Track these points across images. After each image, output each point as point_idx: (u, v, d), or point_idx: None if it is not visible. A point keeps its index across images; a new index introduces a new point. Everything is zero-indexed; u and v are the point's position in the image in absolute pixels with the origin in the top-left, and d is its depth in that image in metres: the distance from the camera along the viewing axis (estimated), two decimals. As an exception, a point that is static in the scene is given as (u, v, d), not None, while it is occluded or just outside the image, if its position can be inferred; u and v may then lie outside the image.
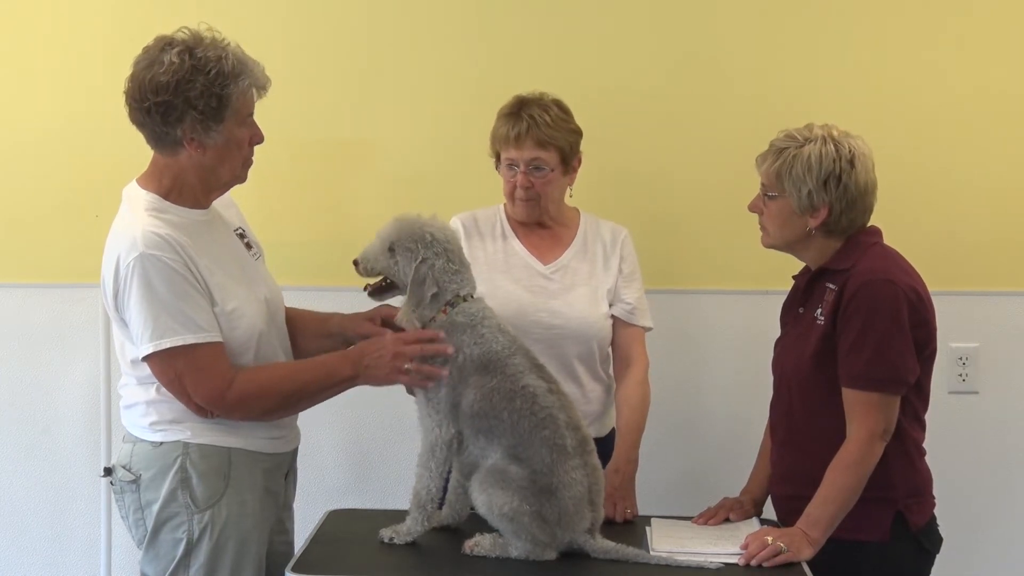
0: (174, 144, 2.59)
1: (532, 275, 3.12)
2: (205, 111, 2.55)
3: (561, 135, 3.05)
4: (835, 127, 2.76)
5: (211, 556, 2.60)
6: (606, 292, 3.13)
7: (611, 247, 3.18)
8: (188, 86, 2.53)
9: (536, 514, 2.51)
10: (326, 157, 3.72)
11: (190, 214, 2.64)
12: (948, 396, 3.69)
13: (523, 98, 3.10)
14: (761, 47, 3.70)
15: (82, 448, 3.84)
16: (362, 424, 3.77)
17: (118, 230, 2.61)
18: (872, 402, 2.62)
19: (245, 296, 2.66)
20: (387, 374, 2.63)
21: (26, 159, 3.81)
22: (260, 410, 2.64)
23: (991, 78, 3.69)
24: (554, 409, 2.58)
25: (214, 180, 2.66)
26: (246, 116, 2.64)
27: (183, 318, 2.53)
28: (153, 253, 2.52)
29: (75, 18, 3.77)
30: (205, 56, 2.55)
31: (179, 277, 2.53)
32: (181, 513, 2.60)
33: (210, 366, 2.56)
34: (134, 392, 2.67)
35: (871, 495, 2.63)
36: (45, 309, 3.83)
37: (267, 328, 2.70)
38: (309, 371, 2.68)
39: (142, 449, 2.64)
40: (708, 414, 3.76)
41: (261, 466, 2.70)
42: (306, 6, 3.72)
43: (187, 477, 2.60)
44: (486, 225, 3.19)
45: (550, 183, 3.08)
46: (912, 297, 2.65)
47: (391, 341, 2.64)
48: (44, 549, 3.87)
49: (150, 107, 2.55)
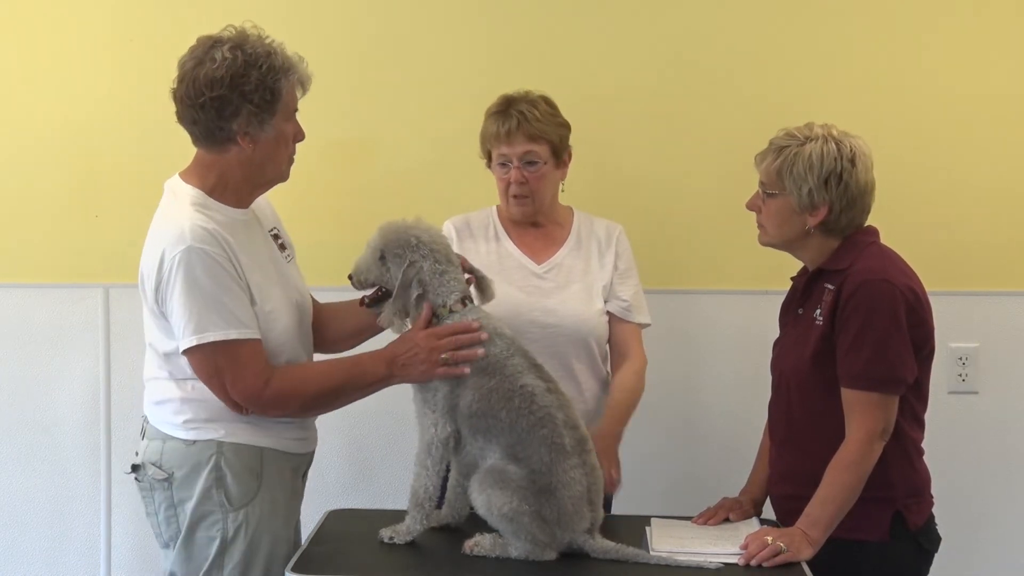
0: (225, 140, 2.60)
1: (526, 275, 3.13)
2: (260, 104, 2.57)
3: (551, 128, 3.07)
4: (834, 126, 2.76)
5: (245, 555, 2.61)
6: (601, 289, 3.14)
7: (606, 244, 3.18)
8: (242, 80, 2.55)
9: (535, 514, 2.52)
10: (325, 157, 3.72)
11: (232, 213, 2.65)
12: (948, 396, 3.69)
13: (510, 96, 3.12)
14: (760, 46, 3.70)
15: (82, 448, 3.84)
16: (362, 424, 3.78)
17: (162, 223, 2.61)
18: (871, 402, 2.62)
19: (280, 298, 2.67)
20: (424, 371, 2.63)
21: (26, 159, 3.81)
22: (295, 408, 2.65)
23: (990, 78, 3.69)
24: (552, 408, 2.59)
25: (260, 176, 2.67)
26: (292, 112, 2.67)
27: (226, 313, 2.53)
28: (200, 247, 2.52)
29: (76, 19, 3.77)
30: (255, 51, 2.58)
31: (224, 272, 2.54)
32: (215, 512, 2.60)
33: (250, 362, 2.56)
34: (166, 388, 2.65)
35: (870, 495, 2.63)
36: (45, 309, 3.83)
37: (297, 332, 2.71)
38: (343, 371, 2.68)
39: (174, 447, 2.63)
40: (707, 414, 3.77)
41: (289, 465, 2.71)
42: (305, 6, 3.73)
43: (222, 476, 2.60)
44: (479, 227, 3.19)
45: (543, 177, 3.09)
46: (910, 297, 2.65)
47: (423, 338, 2.64)
48: (43, 549, 3.87)
49: (205, 103, 2.56)
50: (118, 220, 3.77)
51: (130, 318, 3.79)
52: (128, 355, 3.79)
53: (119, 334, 3.80)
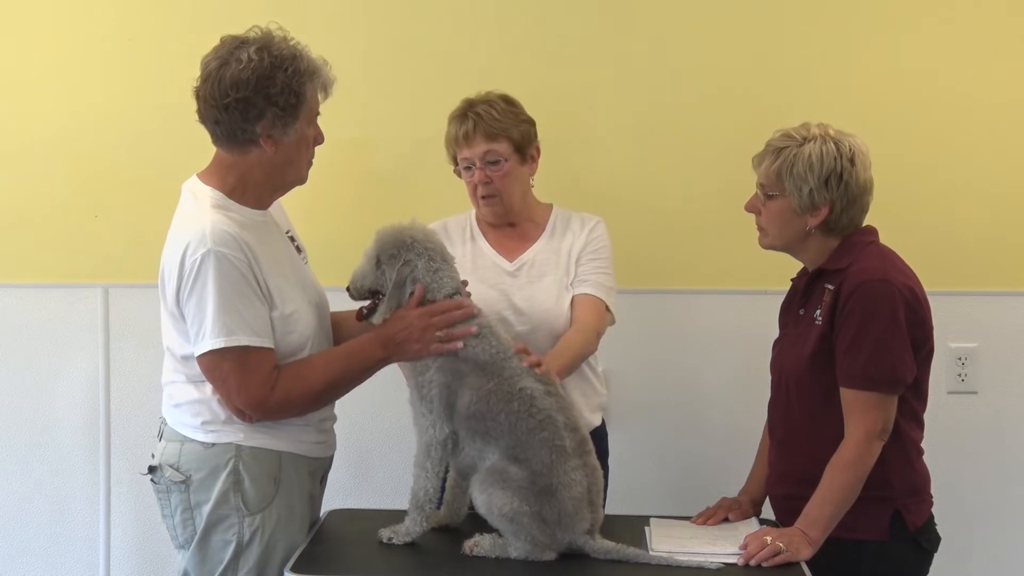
0: (247, 142, 2.59)
1: (498, 273, 3.12)
2: (285, 108, 2.56)
3: (510, 125, 3.08)
4: (830, 125, 2.76)
5: (260, 560, 2.60)
6: (571, 277, 3.12)
7: (578, 234, 3.16)
8: (268, 82, 2.55)
9: (536, 515, 2.52)
10: (323, 158, 3.72)
11: (251, 214, 2.64)
12: (947, 396, 3.69)
13: (470, 99, 3.13)
14: (759, 46, 3.70)
15: (81, 449, 3.84)
16: (361, 424, 3.77)
17: (184, 224, 2.60)
18: (870, 402, 2.62)
19: (300, 299, 2.67)
20: (420, 348, 2.64)
21: (26, 159, 3.80)
22: (300, 408, 2.64)
23: (990, 79, 3.68)
24: (552, 411, 2.59)
25: (280, 179, 2.67)
26: (315, 115, 2.66)
27: (240, 319, 2.52)
28: (221, 251, 2.51)
29: (75, 19, 3.77)
30: (281, 54, 2.57)
31: (242, 278, 2.53)
32: (232, 516, 2.60)
33: (256, 371, 2.55)
34: (184, 390, 2.65)
35: (869, 494, 2.63)
36: (44, 309, 3.83)
37: (319, 331, 2.71)
38: (341, 359, 2.67)
39: (192, 449, 2.62)
40: (706, 414, 3.76)
41: (306, 470, 2.71)
42: (304, 6, 3.73)
43: (240, 480, 2.59)
44: (456, 230, 3.20)
45: (508, 175, 3.09)
46: (908, 296, 2.65)
47: (416, 316, 2.64)
48: (43, 549, 3.87)
49: (230, 104, 2.55)
50: (118, 220, 3.77)
51: (129, 318, 3.80)
52: (127, 355, 3.79)
53: (118, 334, 3.80)
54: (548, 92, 3.61)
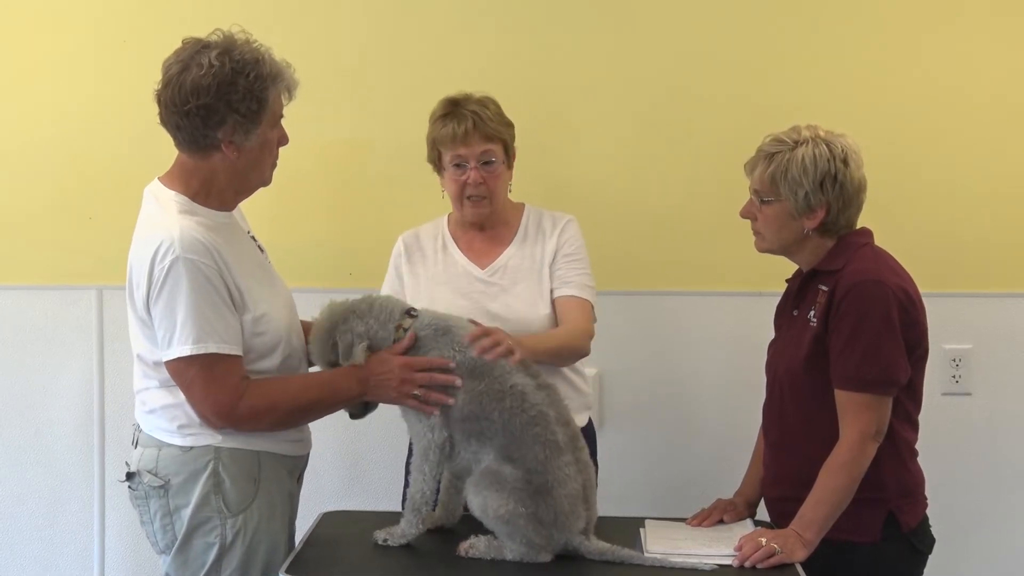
0: (209, 147, 2.58)
1: (471, 281, 3.12)
2: (247, 114, 2.55)
3: (504, 129, 3.10)
4: (819, 126, 2.76)
5: (243, 560, 2.60)
6: (547, 280, 3.11)
7: (550, 234, 3.16)
8: (230, 89, 2.53)
9: (532, 516, 2.52)
10: (321, 158, 3.72)
11: (217, 216, 2.63)
12: (941, 397, 3.69)
13: (455, 98, 3.12)
14: (757, 46, 3.70)
15: (75, 451, 3.84)
16: (356, 426, 3.75)
17: (151, 228, 2.58)
18: (864, 403, 2.62)
19: (270, 299, 2.67)
20: (394, 397, 2.65)
21: (19, 161, 3.80)
22: (267, 424, 2.63)
23: (985, 78, 3.69)
24: (543, 406, 2.59)
25: (244, 183, 2.66)
26: (278, 119, 2.65)
27: (208, 327, 2.51)
28: (190, 257, 2.50)
29: (68, 21, 3.77)
30: (243, 58, 2.55)
31: (210, 286, 2.52)
32: (214, 518, 2.59)
33: (224, 379, 2.54)
34: (157, 396, 2.63)
35: (863, 496, 2.63)
36: (38, 311, 3.82)
37: (290, 328, 2.71)
38: (317, 388, 2.67)
39: (169, 453, 2.61)
40: (701, 416, 3.76)
41: (285, 469, 2.71)
42: (303, 6, 3.73)
43: (220, 481, 2.58)
44: (428, 240, 3.20)
45: (499, 176, 3.10)
46: (902, 298, 2.65)
47: (399, 366, 2.63)
48: (37, 551, 3.86)
49: (190, 110, 2.53)
50: (111, 222, 3.76)
51: (124, 319, 3.77)
52: (121, 357, 3.76)
53: (112, 336, 3.79)
54: (541, 93, 3.61)
